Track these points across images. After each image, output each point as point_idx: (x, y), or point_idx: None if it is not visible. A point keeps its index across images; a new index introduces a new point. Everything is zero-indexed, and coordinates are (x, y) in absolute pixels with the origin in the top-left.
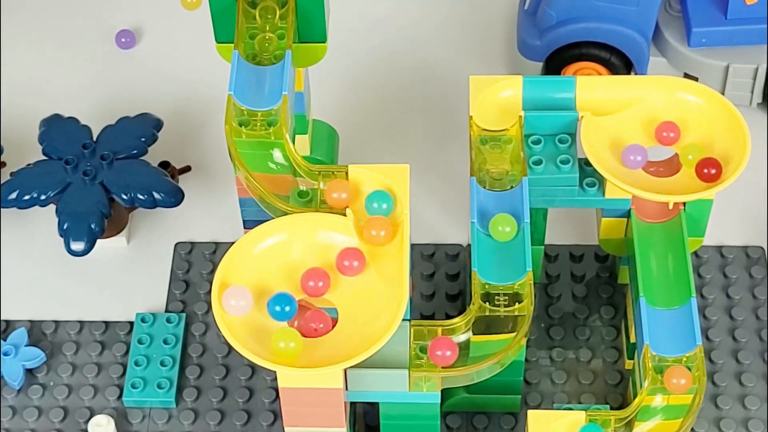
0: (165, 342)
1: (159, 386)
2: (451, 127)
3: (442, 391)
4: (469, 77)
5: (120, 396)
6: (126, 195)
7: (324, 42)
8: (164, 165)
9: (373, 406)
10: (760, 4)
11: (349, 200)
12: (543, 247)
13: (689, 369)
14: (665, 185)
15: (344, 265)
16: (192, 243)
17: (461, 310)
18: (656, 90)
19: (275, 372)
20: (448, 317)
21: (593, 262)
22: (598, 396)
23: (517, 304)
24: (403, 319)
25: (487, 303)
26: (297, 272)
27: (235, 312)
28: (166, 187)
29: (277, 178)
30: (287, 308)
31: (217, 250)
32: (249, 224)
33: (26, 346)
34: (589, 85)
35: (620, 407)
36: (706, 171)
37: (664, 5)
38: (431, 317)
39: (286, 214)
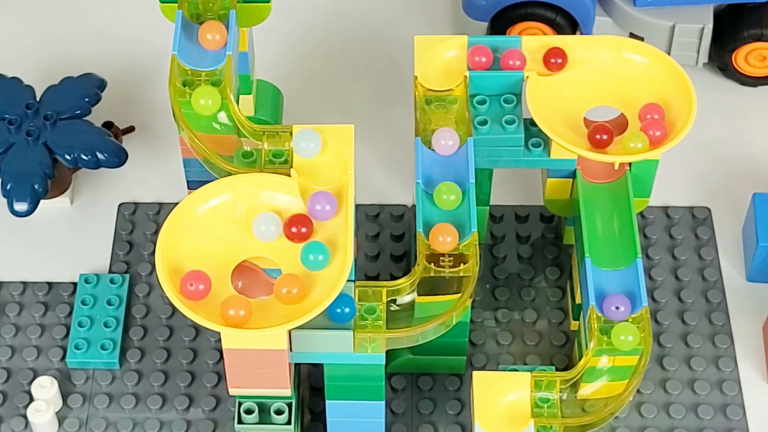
0: (108, 303)
1: (102, 347)
2: (396, 87)
3: (387, 352)
4: (414, 37)
5: (63, 357)
6: (69, 155)
7: (268, 2)
8: (108, 125)
9: (317, 368)
10: None
11: None
12: (488, 207)
13: (635, 330)
14: (611, 145)
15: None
16: (136, 204)
17: (406, 271)
18: (602, 50)
19: (219, 333)
20: (393, 278)
21: (538, 222)
22: (543, 357)
23: (462, 265)
24: (348, 280)
25: (432, 264)
26: (241, 232)
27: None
28: (110, 148)
29: (221, 139)
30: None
31: (161, 210)
32: (193, 185)
33: None
34: (535, 45)
35: (566, 368)
36: (598, 137)
37: None
38: (376, 278)
39: (230, 174)
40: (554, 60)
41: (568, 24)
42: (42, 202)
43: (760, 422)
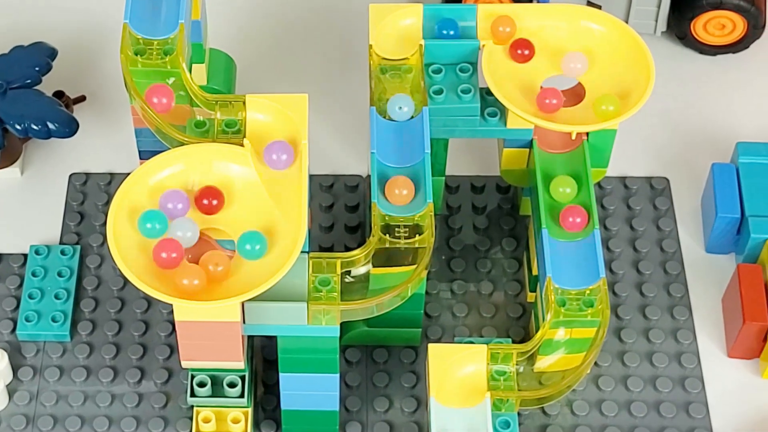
0: (59, 274)
1: (53, 319)
2: (351, 56)
3: (342, 324)
4: (369, 5)
5: (14, 329)
6: (20, 125)
7: None
8: (59, 95)
9: (271, 340)
10: None
11: None
12: (444, 178)
13: (592, 302)
14: (568, 115)
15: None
16: (87, 174)
17: (361, 242)
18: (559, 18)
19: (172, 305)
20: (348, 249)
21: (495, 193)
22: (499, 329)
23: (417, 236)
24: (302, 252)
25: (387, 235)
26: (193, 203)
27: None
28: (61, 117)
29: (174, 108)
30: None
31: (113, 181)
32: (145, 155)
33: None
34: (491, 14)
35: (522, 341)
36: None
37: None
38: (330, 249)
39: (182, 144)
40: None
41: None
42: None
43: (720, 395)
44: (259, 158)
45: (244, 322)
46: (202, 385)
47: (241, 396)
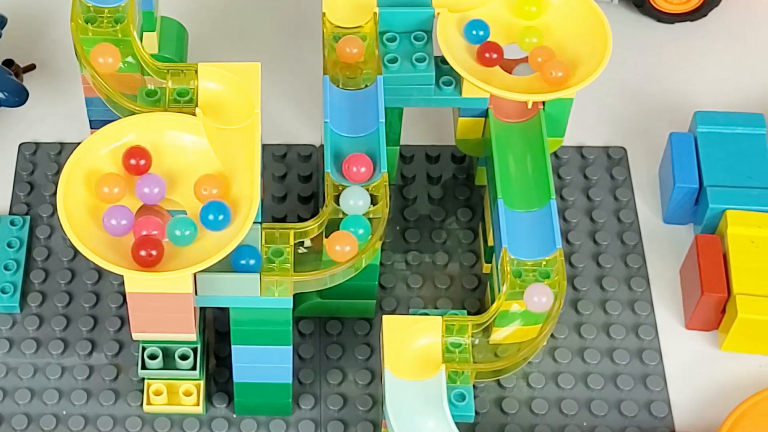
0: (9, 245)
1: (2, 291)
2: (304, 24)
3: (295, 295)
4: None
5: None
6: None
7: None
8: (8, 63)
9: (223, 312)
10: None
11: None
12: (398, 147)
13: (548, 273)
14: (524, 84)
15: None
16: (37, 143)
17: (314, 213)
18: None
19: (122, 276)
20: (301, 220)
21: (450, 163)
22: (454, 301)
23: (371, 206)
24: (254, 222)
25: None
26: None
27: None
28: (10, 86)
29: (125, 77)
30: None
31: (63, 150)
32: (96, 124)
33: None
34: None
35: (478, 312)
36: (487, 56)
37: None
38: (283, 220)
39: (133, 113)
40: None
41: None
42: None
43: (678, 367)
44: (212, 127)
45: (196, 293)
46: (153, 357)
47: (193, 368)
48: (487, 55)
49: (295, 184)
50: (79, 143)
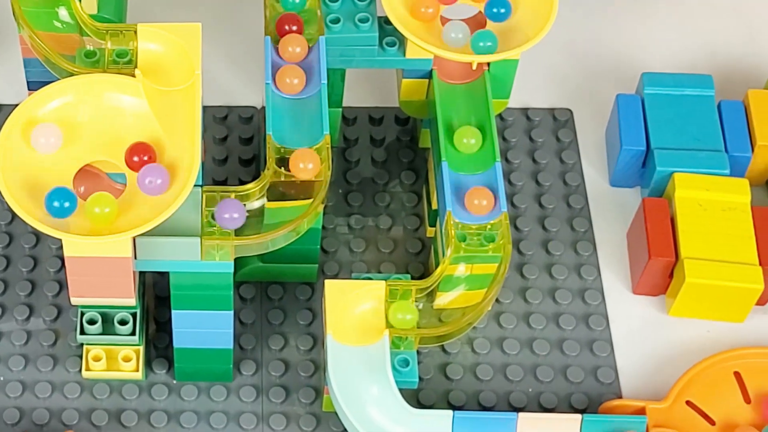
0: None
1: None
2: None
3: (236, 260)
4: None
5: None
6: None
7: None
8: None
9: (163, 276)
10: None
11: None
12: (341, 109)
13: (493, 237)
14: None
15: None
16: None
17: (255, 176)
18: None
19: (61, 240)
20: (242, 183)
21: (393, 125)
22: (398, 265)
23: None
24: (195, 185)
25: (283, 168)
26: (83, 135)
27: (46, 149)
28: None
29: (63, 38)
30: (66, 204)
31: (0, 112)
32: (34, 85)
33: None
34: None
35: (421, 277)
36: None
37: None
38: (224, 183)
39: (72, 74)
40: None
41: None
42: None
43: (624, 333)
44: (152, 88)
45: (135, 257)
46: (92, 322)
47: (133, 334)
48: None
49: (236, 147)
50: (16, 105)
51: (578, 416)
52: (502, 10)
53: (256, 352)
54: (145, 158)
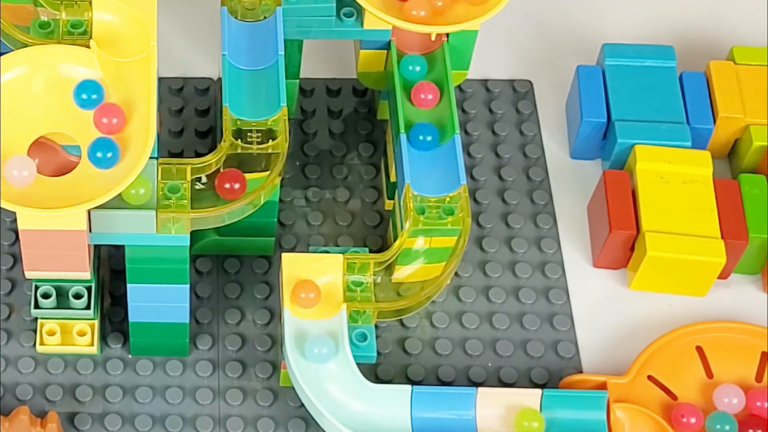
0: None
1: None
2: None
3: (192, 233)
4: None
5: None
6: None
7: None
8: None
9: (118, 249)
10: None
11: None
12: (298, 81)
13: (452, 210)
14: (429, 15)
15: (102, 123)
16: None
17: (212, 148)
18: None
19: (15, 213)
20: (198, 155)
21: (351, 96)
22: (356, 238)
23: (270, 141)
24: (150, 157)
25: (239, 140)
26: (38, 107)
27: (20, 182)
28: None
29: (17, 8)
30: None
31: None
32: None
33: None
34: None
35: (380, 250)
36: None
37: None
38: (180, 155)
39: (26, 46)
40: None
41: None
42: None
43: (585, 306)
44: (107, 60)
45: (90, 230)
46: (46, 296)
47: (87, 308)
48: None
49: (192, 119)
50: None
51: (538, 391)
52: None
53: (213, 327)
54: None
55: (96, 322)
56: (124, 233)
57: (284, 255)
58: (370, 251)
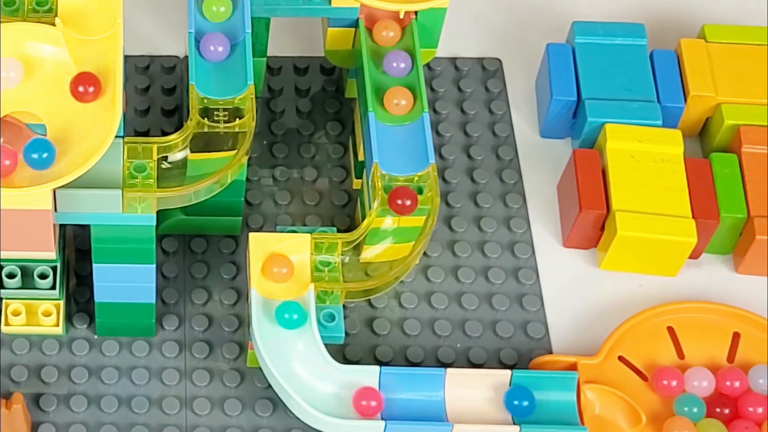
0: None
1: None
2: None
3: (158, 212)
4: None
5: None
6: None
7: None
8: None
9: (84, 229)
10: None
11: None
12: (265, 59)
13: (421, 189)
14: None
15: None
16: None
17: (178, 127)
18: None
19: None
20: (164, 134)
21: (319, 74)
22: (324, 218)
23: (237, 119)
24: (116, 136)
25: (206, 119)
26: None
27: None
28: None
29: None
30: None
31: None
32: None
33: None
34: None
35: (348, 230)
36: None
37: None
38: (146, 134)
39: None
40: None
41: None
42: None
43: (555, 287)
44: (72, 37)
45: (55, 210)
46: (11, 276)
47: (53, 288)
48: None
49: (159, 97)
50: None
51: (508, 372)
52: None
53: (179, 307)
54: (91, 89)
55: (61, 303)
56: (89, 213)
57: (251, 234)
58: (338, 231)
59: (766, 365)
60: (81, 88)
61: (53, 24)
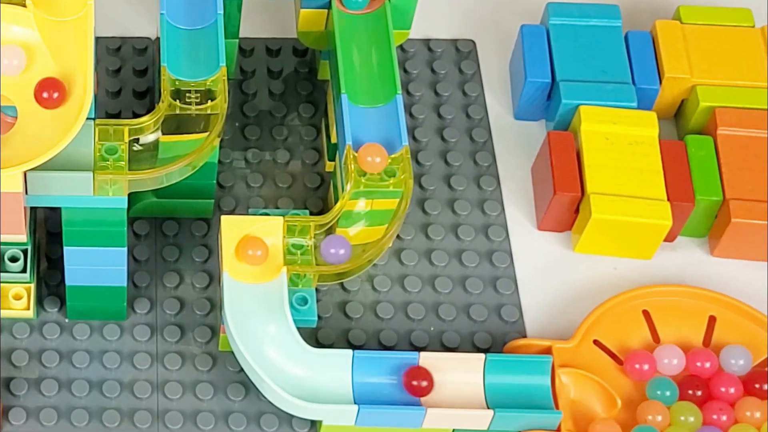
0: None
1: None
2: None
3: (130, 195)
4: None
5: None
6: None
7: None
8: None
9: (54, 212)
10: None
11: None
12: (237, 40)
13: (394, 172)
14: None
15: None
16: None
17: (150, 108)
18: None
19: None
20: (136, 116)
21: (291, 56)
22: (296, 200)
23: (209, 101)
24: (87, 118)
25: (178, 100)
26: None
27: (9, 71)
28: None
29: None
30: None
31: None
32: None
33: None
34: None
35: (320, 212)
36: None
37: None
38: (117, 116)
39: None
40: None
41: None
42: None
43: (529, 270)
44: (43, 19)
45: (26, 192)
46: None
47: (23, 271)
48: None
49: (130, 79)
50: None
51: (482, 356)
52: None
53: (151, 290)
54: (55, 95)
55: (32, 286)
56: (60, 195)
57: (223, 217)
58: (311, 213)
59: (738, 346)
60: (45, 94)
61: (24, 5)
